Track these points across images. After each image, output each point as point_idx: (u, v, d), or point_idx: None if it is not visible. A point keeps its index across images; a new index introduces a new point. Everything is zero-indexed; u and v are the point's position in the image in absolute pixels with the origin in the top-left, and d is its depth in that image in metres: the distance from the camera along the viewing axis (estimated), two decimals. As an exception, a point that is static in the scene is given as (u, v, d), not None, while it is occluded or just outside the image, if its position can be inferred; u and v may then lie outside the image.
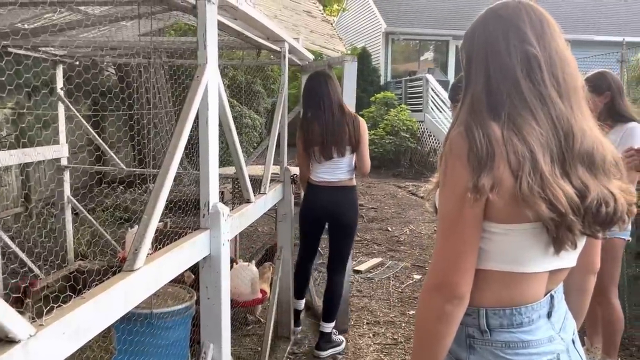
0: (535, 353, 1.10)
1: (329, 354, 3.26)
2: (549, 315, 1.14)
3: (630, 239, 2.76)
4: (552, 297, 1.15)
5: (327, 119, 3.12)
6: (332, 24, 3.34)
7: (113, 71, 7.24)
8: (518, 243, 1.07)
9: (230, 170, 4.29)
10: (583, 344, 2.05)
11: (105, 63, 5.36)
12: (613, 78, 2.67)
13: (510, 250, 1.08)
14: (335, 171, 3.21)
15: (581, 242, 1.11)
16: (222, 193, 4.51)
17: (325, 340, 3.28)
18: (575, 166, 1.04)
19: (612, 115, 2.63)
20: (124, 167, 4.41)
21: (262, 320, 3.62)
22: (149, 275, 1.41)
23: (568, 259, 1.12)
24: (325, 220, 3.32)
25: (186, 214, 3.12)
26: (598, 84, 2.63)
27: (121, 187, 6.27)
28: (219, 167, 2.01)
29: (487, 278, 1.10)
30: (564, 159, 1.04)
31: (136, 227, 3.57)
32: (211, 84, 1.83)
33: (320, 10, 2.85)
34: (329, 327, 3.30)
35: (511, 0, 1.15)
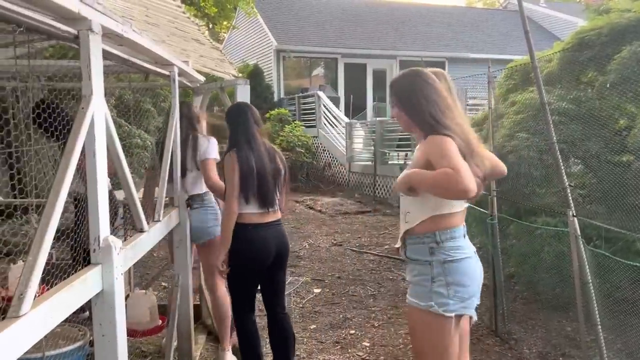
0: (462, 251, 2.06)
1: None
2: (464, 235, 2.11)
3: None
4: (464, 225, 2.13)
5: None
6: (220, 50, 3.37)
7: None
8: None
9: (120, 194, 4.12)
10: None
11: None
12: None
13: (439, 201, 2.03)
14: None
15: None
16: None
17: None
18: None
19: None
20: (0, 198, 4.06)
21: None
22: (37, 321, 1.35)
23: (464, 204, 2.12)
24: None
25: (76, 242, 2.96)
26: None
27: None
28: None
29: (437, 217, 2.06)
30: None
31: (20, 262, 3.32)
32: (97, 116, 1.79)
33: (208, 39, 2.87)
34: None
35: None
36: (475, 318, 2.14)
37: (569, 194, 3.00)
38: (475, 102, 11.55)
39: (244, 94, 3.76)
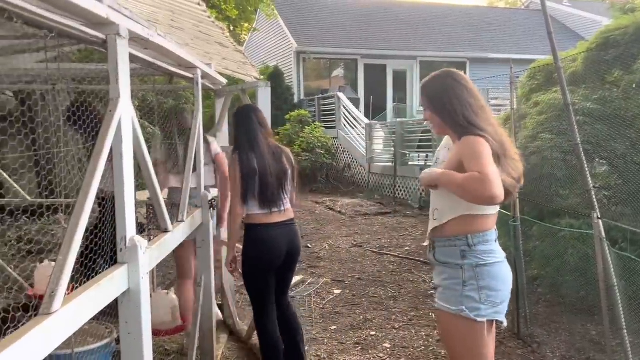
0: (494, 255, 2.03)
1: None
2: (496, 240, 2.08)
3: None
4: (495, 229, 2.09)
5: None
6: (243, 53, 3.41)
7: (11, 94, 6.81)
8: None
9: (143, 195, 4.20)
10: None
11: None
12: None
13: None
14: None
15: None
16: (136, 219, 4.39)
17: None
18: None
19: None
20: (27, 197, 4.17)
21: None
22: (67, 317, 1.39)
23: (497, 207, 2.07)
24: None
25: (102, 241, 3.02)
26: None
27: (24, 219, 5.87)
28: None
29: (468, 219, 2.02)
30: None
31: (46, 262, 3.40)
32: (125, 118, 1.83)
33: (232, 42, 2.91)
34: None
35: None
36: (505, 324, 2.10)
37: (594, 196, 2.96)
38: (497, 103, 11.44)
39: (264, 97, 3.80)
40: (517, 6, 26.73)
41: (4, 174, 3.95)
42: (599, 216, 2.94)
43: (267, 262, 2.98)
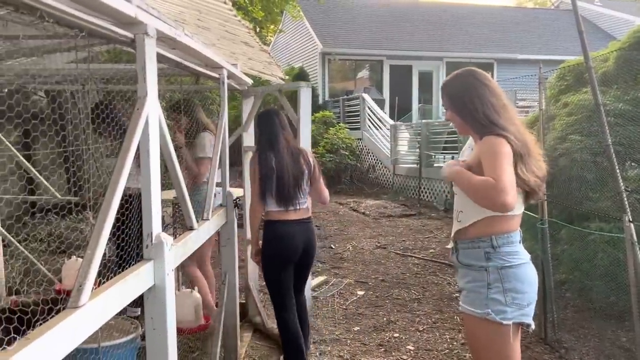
0: (519, 256, 2.00)
1: None
2: (520, 241, 2.04)
3: None
4: (520, 230, 2.05)
5: None
6: (269, 53, 3.42)
7: (43, 94, 6.98)
8: None
9: (169, 194, 4.25)
10: None
11: (32, 88, 5.17)
12: None
13: None
14: None
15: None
16: (162, 217, 4.44)
17: None
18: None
19: None
20: (58, 195, 4.26)
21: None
22: (94, 311, 1.41)
23: (522, 208, 2.03)
24: None
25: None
26: None
27: (54, 215, 6.01)
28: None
29: (492, 220, 1.98)
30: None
31: (73, 258, 3.47)
32: (152, 116, 1.85)
33: (257, 42, 2.93)
34: None
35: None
36: (533, 326, 2.04)
37: (625, 199, 2.89)
38: (524, 104, 11.26)
39: (306, 98, 3.81)
40: (546, 6, 26.26)
41: (34, 170, 4.04)
42: (631, 219, 2.86)
43: (284, 257, 3.12)
